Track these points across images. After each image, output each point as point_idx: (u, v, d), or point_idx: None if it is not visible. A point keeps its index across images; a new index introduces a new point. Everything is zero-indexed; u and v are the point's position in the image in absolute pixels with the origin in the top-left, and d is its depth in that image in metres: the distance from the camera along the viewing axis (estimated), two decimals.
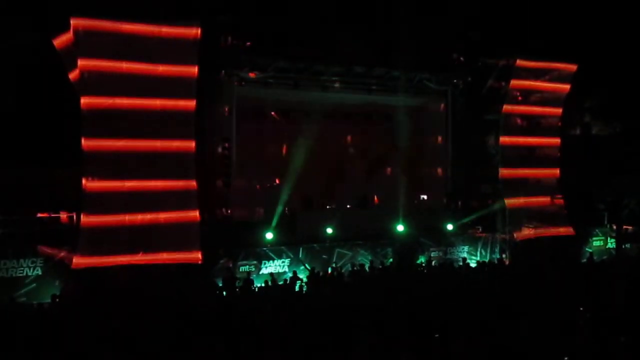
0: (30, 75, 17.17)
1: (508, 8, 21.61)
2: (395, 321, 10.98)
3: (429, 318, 11.22)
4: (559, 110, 21.56)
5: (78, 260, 14.36)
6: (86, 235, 14.55)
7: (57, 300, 13.63)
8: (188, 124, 15.74)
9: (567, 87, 21.43)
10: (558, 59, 21.07)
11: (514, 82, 20.47)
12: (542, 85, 21.06)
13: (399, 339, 9.93)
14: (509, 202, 20.34)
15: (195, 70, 15.69)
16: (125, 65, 15.04)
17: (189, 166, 15.74)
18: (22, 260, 14.48)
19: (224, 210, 17.54)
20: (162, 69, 15.42)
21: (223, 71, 17.80)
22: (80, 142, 14.78)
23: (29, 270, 14.54)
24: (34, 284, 14.52)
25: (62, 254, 14.83)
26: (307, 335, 10.33)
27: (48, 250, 14.83)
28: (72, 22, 14.45)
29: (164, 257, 15.07)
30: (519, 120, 20.96)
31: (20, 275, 14.44)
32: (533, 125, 21.12)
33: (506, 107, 20.55)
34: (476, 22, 20.84)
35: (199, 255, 15.45)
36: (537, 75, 20.86)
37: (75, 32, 14.49)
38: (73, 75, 15.14)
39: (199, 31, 15.57)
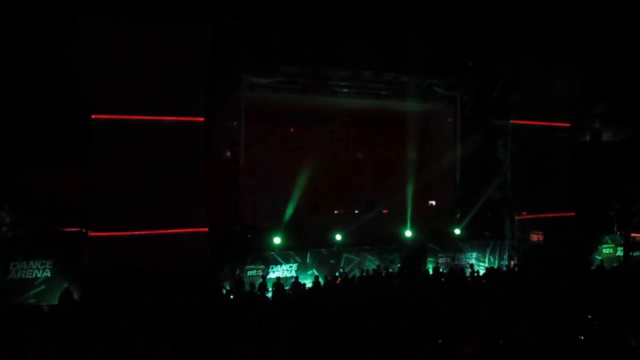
0: (40, 76, 17.33)
1: (518, 12, 21.58)
2: (403, 326, 10.94)
3: (437, 323, 11.17)
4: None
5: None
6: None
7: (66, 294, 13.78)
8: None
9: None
10: (568, 63, 20.97)
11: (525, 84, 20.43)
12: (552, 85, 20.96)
13: (407, 344, 9.90)
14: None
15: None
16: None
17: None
18: (31, 262, 14.61)
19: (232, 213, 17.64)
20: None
21: (232, 76, 17.89)
22: (88, 144, 14.93)
23: (39, 272, 14.66)
24: (43, 286, 14.64)
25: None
26: (315, 340, 10.32)
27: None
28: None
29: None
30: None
31: (30, 277, 14.57)
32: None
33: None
34: (486, 26, 20.81)
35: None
36: (547, 79, 20.76)
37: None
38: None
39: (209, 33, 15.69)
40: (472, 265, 18.53)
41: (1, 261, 14.37)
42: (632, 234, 20.47)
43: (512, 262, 19.88)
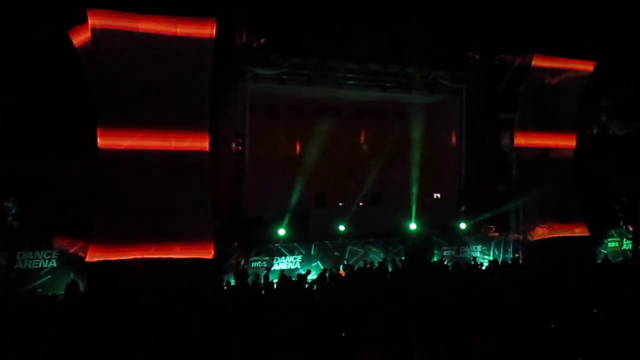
0: (47, 69, 17.36)
1: (525, 5, 21.42)
2: (407, 320, 10.94)
3: (443, 317, 11.16)
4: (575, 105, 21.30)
5: (92, 255, 14.49)
6: (101, 229, 14.65)
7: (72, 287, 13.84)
8: (202, 114, 15.67)
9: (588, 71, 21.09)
10: (575, 57, 20.80)
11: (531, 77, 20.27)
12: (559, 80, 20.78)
13: (411, 339, 9.88)
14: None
15: (209, 64, 15.64)
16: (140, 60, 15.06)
17: (203, 166, 15.72)
18: (37, 252, 14.67)
19: (236, 205, 17.64)
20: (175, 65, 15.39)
21: (237, 67, 17.84)
22: (94, 135, 14.90)
23: (45, 262, 14.73)
24: (49, 276, 14.71)
25: (77, 247, 14.99)
26: (317, 333, 10.32)
27: (63, 242, 15.00)
28: (90, 20, 14.45)
29: (177, 251, 15.13)
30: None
31: (36, 267, 14.63)
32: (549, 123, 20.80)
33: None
34: (493, 19, 20.68)
35: (212, 251, 15.47)
36: (554, 74, 20.61)
37: (93, 30, 14.53)
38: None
39: (214, 30, 15.50)
40: (475, 259, 18.54)
41: (8, 251, 14.44)
42: None
43: (516, 256, 19.85)
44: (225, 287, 14.51)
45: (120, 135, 14.90)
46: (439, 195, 22.68)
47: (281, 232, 17.28)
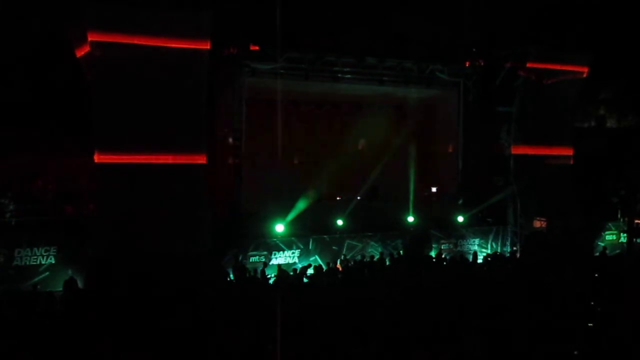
0: (44, 64, 17.32)
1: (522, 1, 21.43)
2: (405, 316, 10.96)
3: (441, 313, 11.18)
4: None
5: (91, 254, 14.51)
6: (99, 231, 14.68)
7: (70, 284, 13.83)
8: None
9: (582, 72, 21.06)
10: (572, 54, 20.76)
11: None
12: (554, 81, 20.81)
13: (410, 335, 9.91)
14: None
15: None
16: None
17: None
18: (35, 249, 14.63)
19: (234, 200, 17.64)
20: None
21: (234, 63, 17.79)
22: (91, 131, 14.90)
23: (43, 258, 14.70)
24: (47, 273, 14.68)
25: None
26: (318, 330, 10.35)
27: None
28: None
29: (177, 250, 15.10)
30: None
31: (34, 263, 14.61)
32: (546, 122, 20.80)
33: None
34: (490, 13, 20.64)
35: (209, 246, 15.51)
36: (549, 74, 20.63)
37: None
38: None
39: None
40: (475, 253, 18.56)
41: (5, 248, 14.42)
42: (636, 220, 20.45)
43: (514, 249, 19.88)
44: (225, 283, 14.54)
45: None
46: (435, 189, 22.69)
47: (279, 228, 17.23)
